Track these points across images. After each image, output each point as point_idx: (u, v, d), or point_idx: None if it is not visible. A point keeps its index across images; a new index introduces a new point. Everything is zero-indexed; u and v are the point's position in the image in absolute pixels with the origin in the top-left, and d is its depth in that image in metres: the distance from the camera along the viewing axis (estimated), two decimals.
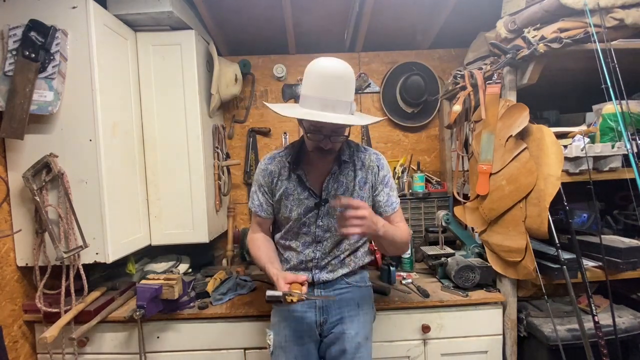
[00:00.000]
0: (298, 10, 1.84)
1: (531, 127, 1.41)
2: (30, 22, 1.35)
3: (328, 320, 1.26)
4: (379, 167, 1.28)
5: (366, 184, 1.26)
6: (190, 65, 1.76)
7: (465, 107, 1.68)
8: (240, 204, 2.29)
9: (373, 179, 1.27)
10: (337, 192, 1.24)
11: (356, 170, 1.26)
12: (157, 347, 1.55)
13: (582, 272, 1.36)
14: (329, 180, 1.24)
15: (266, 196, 1.30)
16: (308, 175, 1.25)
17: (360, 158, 1.28)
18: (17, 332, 1.50)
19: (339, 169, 1.24)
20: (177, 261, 1.96)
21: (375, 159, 1.28)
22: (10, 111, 1.34)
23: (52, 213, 1.44)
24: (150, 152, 1.78)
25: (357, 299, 1.30)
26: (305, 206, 1.24)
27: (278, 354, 1.24)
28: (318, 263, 1.27)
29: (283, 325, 1.26)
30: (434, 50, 2.26)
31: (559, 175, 1.32)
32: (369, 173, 1.26)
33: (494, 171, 1.52)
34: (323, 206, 1.24)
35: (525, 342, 1.59)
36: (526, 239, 1.42)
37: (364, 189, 1.26)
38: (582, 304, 1.51)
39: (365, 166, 1.27)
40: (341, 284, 1.30)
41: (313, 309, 1.26)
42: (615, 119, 1.40)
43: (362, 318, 1.28)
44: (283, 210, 1.27)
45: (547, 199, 1.33)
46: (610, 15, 1.34)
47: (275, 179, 1.27)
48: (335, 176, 1.24)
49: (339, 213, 1.09)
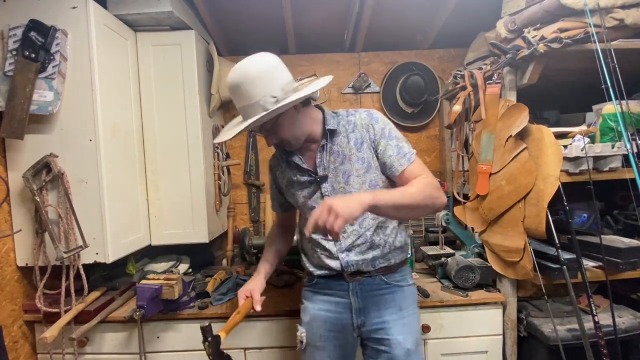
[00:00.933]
0: (298, 11, 1.84)
1: (531, 127, 1.41)
2: (30, 22, 1.35)
3: (366, 323, 1.18)
4: (372, 122, 1.16)
5: (363, 143, 1.15)
6: (190, 65, 1.76)
7: (465, 107, 1.68)
8: (240, 204, 2.29)
9: (370, 135, 1.15)
10: (335, 164, 1.16)
11: (348, 134, 1.16)
12: (157, 347, 1.55)
13: (582, 272, 1.36)
14: (321, 154, 1.17)
15: (272, 192, 1.36)
16: (304, 158, 1.21)
17: (351, 121, 1.18)
18: (17, 332, 1.50)
19: (328, 141, 1.17)
20: (177, 261, 1.96)
21: (366, 116, 1.17)
22: (10, 111, 1.34)
23: (52, 213, 1.44)
24: (150, 152, 1.78)
25: (398, 301, 1.19)
26: (307, 188, 1.20)
27: (311, 351, 1.21)
28: (341, 244, 1.17)
29: (317, 324, 1.21)
30: (434, 50, 2.25)
31: (557, 175, 1.32)
32: (363, 132, 1.15)
33: (494, 171, 1.52)
34: (324, 182, 1.17)
35: (525, 342, 1.59)
36: (524, 239, 1.42)
37: (362, 150, 1.15)
38: (582, 304, 1.51)
39: (357, 126, 1.16)
40: (380, 284, 1.19)
41: (348, 310, 1.18)
42: (615, 119, 1.40)
43: (407, 320, 1.18)
44: (293, 200, 1.26)
45: (545, 199, 1.33)
46: (610, 15, 1.34)
47: (276, 172, 1.30)
48: (328, 148, 1.17)
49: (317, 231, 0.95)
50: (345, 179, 1.15)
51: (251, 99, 1.05)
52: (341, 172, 1.16)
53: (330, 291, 1.21)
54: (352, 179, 1.14)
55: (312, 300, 1.25)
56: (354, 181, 1.15)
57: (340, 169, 1.16)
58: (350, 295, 1.19)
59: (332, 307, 1.20)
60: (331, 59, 2.26)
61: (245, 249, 2.02)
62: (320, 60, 2.26)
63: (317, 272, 1.23)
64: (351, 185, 1.15)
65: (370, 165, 1.15)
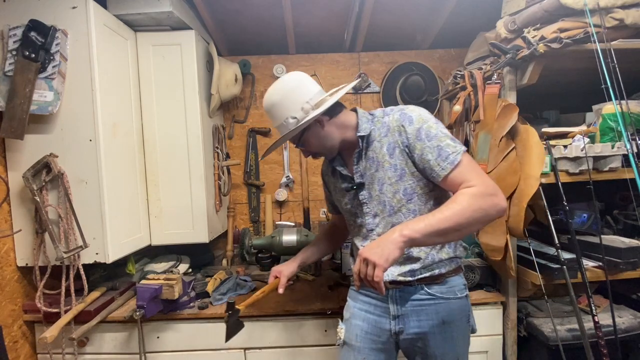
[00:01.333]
0: (298, 11, 1.84)
1: (519, 127, 1.42)
2: (30, 22, 1.35)
3: (405, 331, 1.12)
4: (403, 123, 1.05)
5: (395, 149, 1.06)
6: (190, 66, 1.76)
7: (465, 107, 1.68)
8: (240, 204, 2.29)
9: (403, 139, 1.05)
10: (372, 171, 1.10)
11: (382, 139, 1.09)
12: (157, 347, 1.55)
13: (582, 272, 1.36)
14: (356, 161, 1.14)
15: (326, 194, 1.41)
16: (347, 164, 1.19)
17: (385, 123, 1.09)
18: (17, 332, 1.50)
19: (363, 146, 1.12)
20: (177, 261, 1.96)
21: (399, 116, 1.06)
22: (10, 111, 1.34)
23: (52, 213, 1.44)
24: (150, 152, 1.78)
25: (442, 314, 1.10)
26: (348, 195, 1.19)
27: (347, 350, 1.19)
28: None
29: (355, 322, 1.19)
30: (434, 50, 2.25)
31: (538, 176, 1.32)
32: (395, 135, 1.06)
33: (488, 171, 1.52)
34: (361, 190, 1.13)
35: (525, 342, 1.59)
36: (506, 238, 1.42)
37: (394, 156, 1.06)
38: (582, 304, 1.51)
39: (390, 129, 1.07)
40: (422, 294, 1.11)
41: (387, 316, 1.14)
42: (615, 119, 1.40)
43: (450, 335, 1.11)
44: (340, 206, 1.27)
45: (524, 199, 1.33)
46: (610, 15, 1.34)
47: (326, 177, 1.34)
48: (363, 154, 1.12)
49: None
50: (379, 186, 1.10)
51: (276, 121, 1.13)
52: (376, 180, 1.10)
53: (372, 293, 1.18)
54: (385, 187, 1.08)
55: (354, 299, 1.24)
56: (387, 190, 1.08)
57: (375, 176, 1.10)
58: (389, 301, 1.14)
59: (371, 308, 1.18)
60: (331, 59, 2.26)
61: (245, 249, 2.02)
62: (320, 60, 2.26)
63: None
64: (385, 194, 1.09)
65: (405, 172, 1.06)
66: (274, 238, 1.97)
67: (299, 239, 1.94)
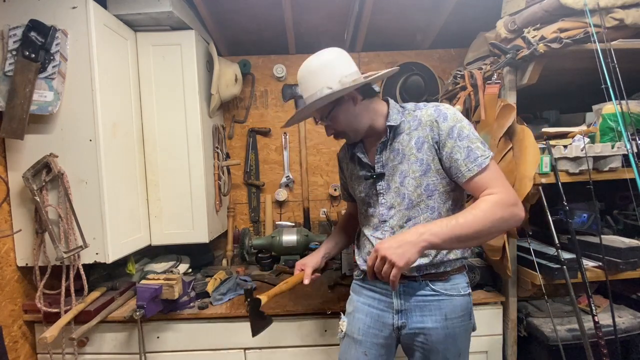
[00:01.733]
0: (298, 10, 1.84)
1: (516, 127, 1.42)
2: (30, 22, 1.35)
3: (407, 326, 1.13)
4: (438, 119, 1.04)
5: (424, 143, 1.05)
6: (190, 65, 1.76)
7: (466, 107, 1.68)
8: (240, 204, 2.29)
9: (434, 134, 1.04)
10: (394, 162, 1.10)
11: (411, 132, 1.08)
12: (157, 347, 1.55)
13: (582, 272, 1.36)
14: (381, 151, 1.12)
15: (342, 182, 1.40)
16: (368, 152, 1.19)
17: (417, 117, 1.09)
18: (17, 332, 1.50)
19: (389, 137, 1.11)
20: (177, 261, 1.96)
21: (433, 111, 1.06)
22: (10, 111, 1.34)
23: (52, 213, 1.44)
24: (150, 152, 1.78)
25: (445, 310, 1.11)
26: (364, 183, 1.17)
27: (348, 342, 1.20)
28: None
29: (358, 316, 1.19)
30: (434, 50, 2.25)
31: (531, 176, 1.33)
32: (427, 130, 1.05)
33: None
34: (380, 180, 1.13)
35: (525, 342, 1.59)
36: (504, 238, 1.42)
37: (422, 150, 1.06)
38: (582, 304, 1.51)
39: (422, 123, 1.07)
40: (427, 290, 1.11)
41: (390, 310, 1.15)
42: (615, 119, 1.40)
43: (452, 331, 1.11)
44: (354, 193, 1.27)
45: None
46: (610, 15, 1.34)
47: (342, 163, 1.33)
48: (389, 145, 1.11)
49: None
50: (401, 179, 1.09)
51: (310, 90, 1.07)
52: (398, 172, 1.10)
53: (376, 288, 1.19)
54: (408, 180, 1.08)
55: (358, 293, 1.24)
56: (409, 183, 1.08)
57: (398, 168, 1.10)
58: (393, 295, 1.15)
59: (375, 303, 1.18)
60: None
61: (245, 249, 2.02)
62: None
63: (363, 266, 1.19)
64: (405, 187, 1.09)
65: (430, 168, 1.06)
66: (274, 238, 1.97)
67: (299, 239, 1.95)
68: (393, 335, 1.16)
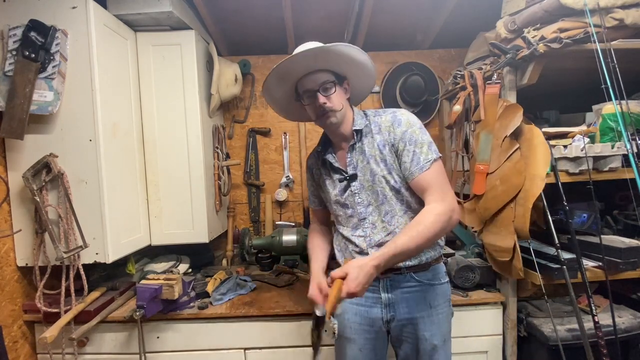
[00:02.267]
0: (298, 11, 1.84)
1: (523, 127, 1.41)
2: (30, 22, 1.35)
3: (396, 318, 1.20)
4: (394, 125, 1.16)
5: (385, 146, 1.17)
6: (190, 65, 1.76)
7: (465, 107, 1.68)
8: (240, 204, 2.29)
9: (391, 138, 1.16)
10: (363, 163, 1.19)
11: (374, 135, 1.19)
12: (157, 347, 1.55)
13: (582, 272, 1.36)
14: (350, 154, 1.21)
15: (311, 189, 1.41)
16: (338, 157, 1.26)
17: (377, 122, 1.20)
18: (17, 332, 1.50)
19: (357, 140, 1.20)
20: (177, 261, 1.96)
21: (390, 117, 1.18)
22: (10, 111, 1.34)
23: (52, 213, 1.44)
24: (150, 152, 1.78)
25: (429, 299, 1.20)
26: (339, 186, 1.24)
27: (342, 343, 1.24)
28: (371, 240, 1.19)
29: (347, 316, 1.24)
30: (434, 50, 2.25)
31: (543, 176, 1.32)
32: (386, 134, 1.17)
33: (491, 171, 1.52)
34: (354, 181, 1.20)
35: (525, 342, 1.59)
36: (514, 239, 1.42)
37: (385, 152, 1.17)
38: (582, 304, 1.51)
39: (381, 128, 1.18)
40: (410, 281, 1.19)
41: (379, 305, 1.21)
42: (615, 119, 1.40)
43: (437, 318, 1.20)
44: (327, 198, 1.31)
45: (530, 199, 1.33)
46: (610, 15, 1.34)
47: (313, 169, 1.35)
48: (358, 148, 1.20)
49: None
50: (372, 177, 1.18)
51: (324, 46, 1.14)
52: (368, 171, 1.19)
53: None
54: (378, 178, 1.17)
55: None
56: (380, 181, 1.17)
57: (367, 168, 1.19)
58: (380, 290, 1.21)
59: (362, 301, 1.22)
60: None
61: (245, 249, 2.02)
62: None
63: None
64: (377, 184, 1.18)
65: (393, 167, 1.17)
66: (274, 238, 1.97)
67: (299, 239, 1.95)
68: (383, 329, 1.22)
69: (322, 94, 1.15)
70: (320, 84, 1.16)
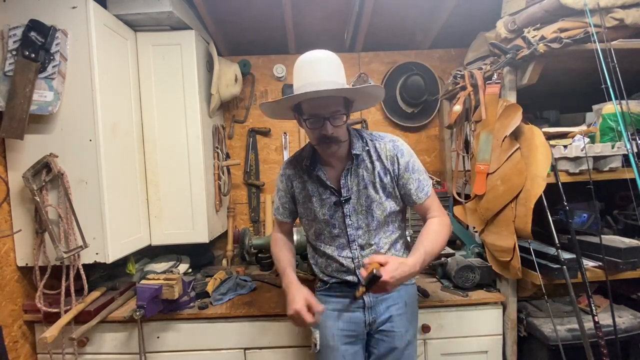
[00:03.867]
0: (298, 10, 1.84)
1: (523, 127, 1.41)
2: (30, 22, 1.35)
3: (377, 320, 1.24)
4: (397, 155, 1.20)
5: (387, 174, 1.21)
6: (190, 65, 1.76)
7: (466, 107, 1.68)
8: (240, 204, 2.29)
9: (394, 168, 1.20)
10: (359, 187, 1.20)
11: (374, 161, 1.21)
12: (157, 347, 1.55)
13: (582, 272, 1.36)
14: (345, 176, 1.20)
15: (283, 200, 1.33)
16: (327, 174, 1.23)
17: (376, 148, 1.21)
18: (17, 332, 1.50)
19: (354, 163, 1.20)
20: (177, 261, 1.96)
21: (391, 147, 1.21)
22: (10, 111, 1.34)
23: (52, 213, 1.44)
24: (150, 152, 1.78)
25: (404, 297, 1.27)
26: (328, 206, 1.23)
27: (326, 352, 1.24)
28: (359, 262, 1.23)
29: (329, 324, 1.25)
30: (434, 50, 2.25)
31: (544, 176, 1.32)
32: (388, 163, 1.20)
33: (491, 171, 1.52)
34: (346, 204, 1.21)
35: (525, 342, 1.59)
36: (514, 239, 1.42)
37: (386, 180, 1.21)
38: (582, 304, 1.51)
39: (382, 156, 1.21)
40: None
41: (362, 309, 1.24)
42: (615, 119, 1.40)
43: (410, 316, 1.28)
44: (307, 213, 1.27)
45: (532, 199, 1.33)
46: (610, 15, 1.34)
47: (294, 181, 1.29)
48: (353, 170, 1.21)
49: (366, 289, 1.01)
50: (367, 203, 1.21)
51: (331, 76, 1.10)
52: (364, 196, 1.21)
53: (343, 293, 1.27)
54: (375, 205, 1.21)
55: (325, 302, 1.27)
56: (377, 207, 1.21)
57: (363, 193, 1.21)
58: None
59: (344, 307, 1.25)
60: None
61: (245, 249, 2.02)
62: None
63: (331, 280, 1.29)
64: (374, 210, 1.21)
65: (391, 194, 1.22)
66: None
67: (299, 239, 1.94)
68: (364, 332, 1.26)
69: (332, 124, 1.11)
70: (331, 113, 1.10)
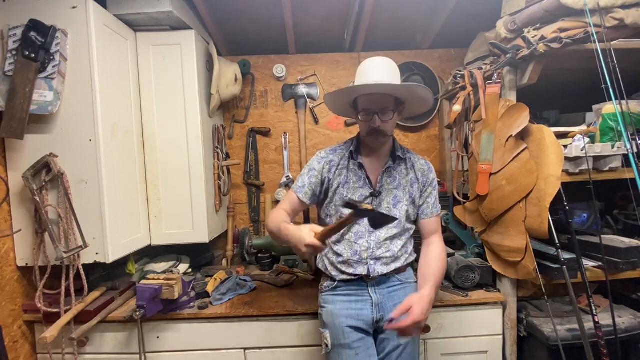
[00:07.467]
0: (298, 10, 1.84)
1: (531, 127, 1.41)
2: (30, 22, 1.35)
3: (384, 317, 1.28)
4: (429, 170, 1.37)
5: (415, 184, 1.34)
6: (190, 65, 1.76)
7: (465, 107, 1.68)
8: (240, 204, 2.29)
9: (424, 180, 1.35)
10: (390, 187, 1.32)
11: (408, 169, 1.35)
12: (157, 347, 1.55)
13: (582, 272, 1.36)
14: (383, 173, 1.32)
15: (312, 180, 1.33)
16: (367, 167, 1.33)
17: (412, 160, 1.37)
18: (17, 332, 1.50)
19: (393, 164, 1.33)
20: (177, 261, 1.96)
21: (424, 163, 1.39)
22: (10, 111, 1.34)
23: (52, 213, 1.44)
24: (150, 152, 1.78)
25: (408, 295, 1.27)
26: (359, 194, 1.31)
27: (337, 351, 1.26)
28: (373, 253, 1.29)
29: (339, 321, 1.27)
30: (434, 50, 2.25)
31: (559, 175, 1.32)
32: (419, 174, 1.35)
33: (494, 171, 1.52)
34: (376, 198, 1.30)
35: (525, 342, 1.59)
36: (526, 239, 1.42)
37: (414, 187, 1.34)
38: (582, 304, 1.51)
39: (415, 168, 1.36)
40: (394, 281, 1.33)
41: (370, 306, 1.29)
42: (615, 119, 1.40)
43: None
44: (338, 198, 1.32)
45: (547, 199, 1.33)
46: (610, 15, 1.34)
47: (334, 168, 1.34)
48: (390, 171, 1.33)
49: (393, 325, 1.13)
50: (394, 202, 1.32)
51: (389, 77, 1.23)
52: (392, 195, 1.32)
53: (351, 291, 1.32)
54: (401, 205, 1.32)
55: (332, 302, 1.32)
56: (402, 207, 1.31)
57: (393, 192, 1.32)
58: (370, 292, 1.30)
59: (352, 305, 1.29)
60: (331, 59, 2.26)
61: (245, 249, 2.02)
62: (320, 60, 2.26)
63: (340, 276, 1.32)
64: (398, 210, 1.31)
65: (414, 201, 1.34)
66: None
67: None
68: (372, 330, 1.30)
69: (380, 117, 1.23)
70: (381, 108, 1.23)
